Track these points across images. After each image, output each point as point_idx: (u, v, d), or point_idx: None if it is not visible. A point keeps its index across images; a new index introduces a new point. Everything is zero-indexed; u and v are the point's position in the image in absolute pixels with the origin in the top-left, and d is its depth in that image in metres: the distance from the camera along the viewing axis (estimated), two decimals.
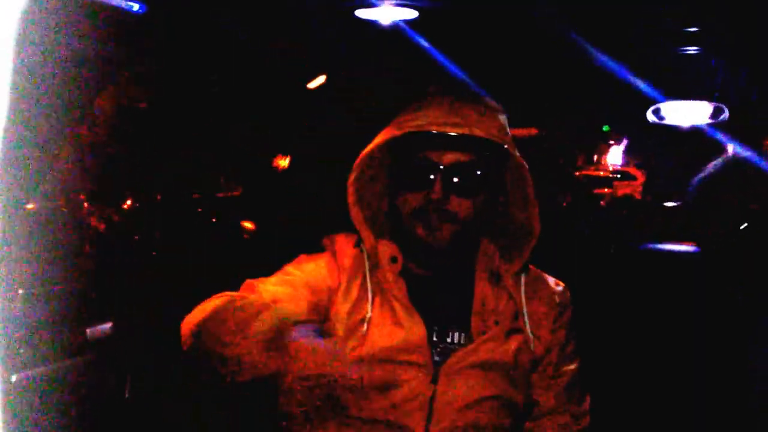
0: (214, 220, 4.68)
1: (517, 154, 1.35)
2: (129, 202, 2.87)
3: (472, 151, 1.33)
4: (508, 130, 1.38)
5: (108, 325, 1.43)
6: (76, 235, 1.65)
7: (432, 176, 1.32)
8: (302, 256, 1.43)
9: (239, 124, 2.96)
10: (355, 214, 1.41)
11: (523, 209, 1.41)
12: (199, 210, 4.58)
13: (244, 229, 4.57)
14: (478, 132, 1.29)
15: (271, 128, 2.83)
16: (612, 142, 16.34)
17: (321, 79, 2.37)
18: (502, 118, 1.38)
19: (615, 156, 16.70)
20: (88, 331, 1.27)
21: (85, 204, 2.02)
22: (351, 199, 1.40)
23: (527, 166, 1.36)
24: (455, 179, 1.32)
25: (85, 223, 1.93)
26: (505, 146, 1.33)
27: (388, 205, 1.45)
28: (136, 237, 2.80)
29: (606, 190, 13.09)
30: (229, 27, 2.06)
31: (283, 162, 3.09)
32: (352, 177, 1.39)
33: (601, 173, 14.72)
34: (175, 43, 1.96)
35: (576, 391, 1.45)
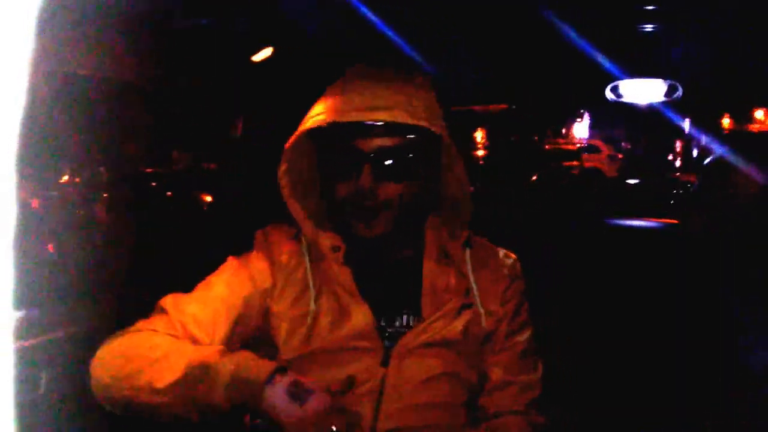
0: (169, 194, 4.53)
1: (446, 133, 1.30)
2: (66, 177, 2.72)
3: (399, 134, 1.27)
4: (437, 107, 1.32)
5: (21, 314, 1.33)
6: None
7: (359, 164, 1.27)
8: (230, 260, 1.37)
9: (188, 96, 2.84)
10: (293, 206, 1.36)
11: (455, 187, 1.38)
12: (153, 184, 4.44)
13: (202, 202, 4.44)
14: (403, 118, 1.24)
15: (219, 100, 2.72)
16: (578, 119, 16.62)
17: (267, 52, 2.26)
18: (431, 95, 1.32)
19: (581, 130, 17.00)
20: None
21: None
22: (286, 191, 1.35)
23: (456, 147, 1.32)
24: (383, 166, 1.27)
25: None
26: (432, 129, 1.27)
27: (321, 193, 1.40)
28: (80, 212, 2.67)
29: (575, 162, 13.38)
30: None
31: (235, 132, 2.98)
32: (281, 169, 1.34)
33: (569, 146, 15.01)
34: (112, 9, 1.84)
35: (528, 361, 1.43)
